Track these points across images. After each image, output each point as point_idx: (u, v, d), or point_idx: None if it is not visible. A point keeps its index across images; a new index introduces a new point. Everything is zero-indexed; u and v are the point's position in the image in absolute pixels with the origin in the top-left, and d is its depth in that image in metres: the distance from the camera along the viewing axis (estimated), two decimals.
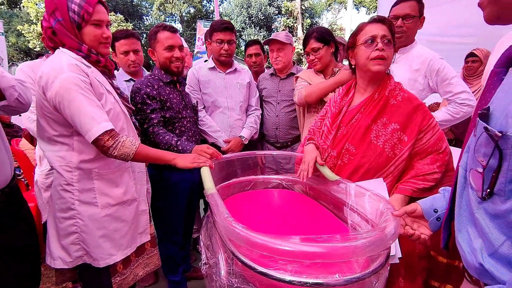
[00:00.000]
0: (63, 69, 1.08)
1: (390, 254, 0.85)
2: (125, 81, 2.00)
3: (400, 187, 1.21)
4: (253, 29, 19.03)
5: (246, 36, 19.43)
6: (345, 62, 2.13)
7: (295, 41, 18.10)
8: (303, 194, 1.44)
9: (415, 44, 1.82)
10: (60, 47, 1.17)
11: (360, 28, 1.25)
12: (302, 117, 1.99)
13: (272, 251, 0.70)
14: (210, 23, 5.33)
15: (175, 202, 1.71)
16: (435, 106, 2.81)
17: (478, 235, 0.57)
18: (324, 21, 21.53)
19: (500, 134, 0.50)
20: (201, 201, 2.29)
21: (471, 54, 2.63)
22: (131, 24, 19.47)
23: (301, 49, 17.54)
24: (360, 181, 1.21)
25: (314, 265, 0.71)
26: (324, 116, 1.44)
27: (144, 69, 2.21)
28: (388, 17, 1.82)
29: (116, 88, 1.33)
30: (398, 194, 1.19)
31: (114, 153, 1.13)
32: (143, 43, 21.73)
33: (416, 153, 1.21)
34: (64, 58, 1.11)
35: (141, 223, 1.40)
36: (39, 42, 14.68)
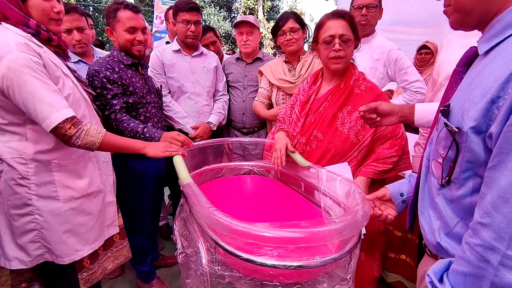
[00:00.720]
0: (10, 48, 0.94)
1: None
2: (74, 62, 1.79)
3: (363, 170, 1.30)
4: (212, 8, 18.28)
5: (206, 16, 18.62)
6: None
7: None
8: (275, 180, 1.48)
9: (376, 34, 1.92)
10: (2, 22, 1.01)
11: (321, 23, 1.29)
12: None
13: (257, 238, 0.72)
14: (169, 0, 5.00)
15: (142, 192, 1.65)
16: (389, 93, 3.04)
17: (437, 217, 0.65)
18: (285, 5, 21.44)
19: (457, 130, 0.56)
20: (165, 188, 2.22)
21: (424, 46, 2.85)
22: None
23: (262, 32, 17.30)
24: (327, 166, 1.28)
25: (295, 249, 0.75)
26: (293, 104, 1.47)
27: (95, 48, 2.01)
28: (350, 7, 1.89)
29: (73, 71, 1.20)
30: (362, 177, 1.29)
31: (78, 142, 1.04)
32: (90, 13, 19.56)
33: (377, 139, 1.31)
34: (10, 35, 0.97)
35: (108, 215, 1.33)
36: None
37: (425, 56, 2.83)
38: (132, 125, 1.48)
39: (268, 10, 19.32)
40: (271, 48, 17.62)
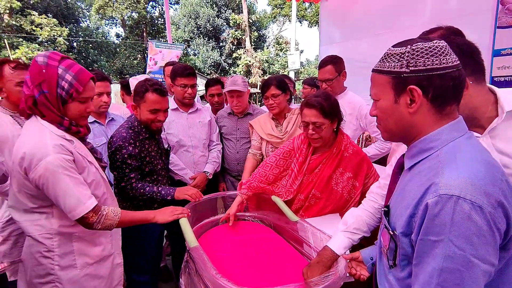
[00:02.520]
0: (48, 150, 1.08)
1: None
2: (89, 123, 1.96)
3: None
4: (201, 39, 18.98)
5: (195, 46, 19.26)
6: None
7: (243, 53, 18.54)
8: (269, 228, 1.64)
9: (347, 91, 2.18)
10: (39, 118, 1.15)
11: (301, 109, 1.52)
12: None
13: None
14: (162, 44, 5.30)
15: (148, 246, 1.77)
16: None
17: None
18: (270, 34, 22.46)
19: (392, 233, 0.75)
20: None
21: None
22: (67, 29, 17.86)
23: (249, 61, 17.92)
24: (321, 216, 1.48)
25: None
26: (286, 157, 1.63)
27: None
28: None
29: (92, 151, 1.34)
30: None
31: (98, 227, 1.18)
32: (81, 45, 19.83)
33: (363, 194, 1.51)
34: (47, 136, 1.11)
35: (116, 276, 1.42)
36: None
37: None
38: (148, 189, 1.63)
39: (255, 39, 20.20)
40: (259, 76, 18.32)
